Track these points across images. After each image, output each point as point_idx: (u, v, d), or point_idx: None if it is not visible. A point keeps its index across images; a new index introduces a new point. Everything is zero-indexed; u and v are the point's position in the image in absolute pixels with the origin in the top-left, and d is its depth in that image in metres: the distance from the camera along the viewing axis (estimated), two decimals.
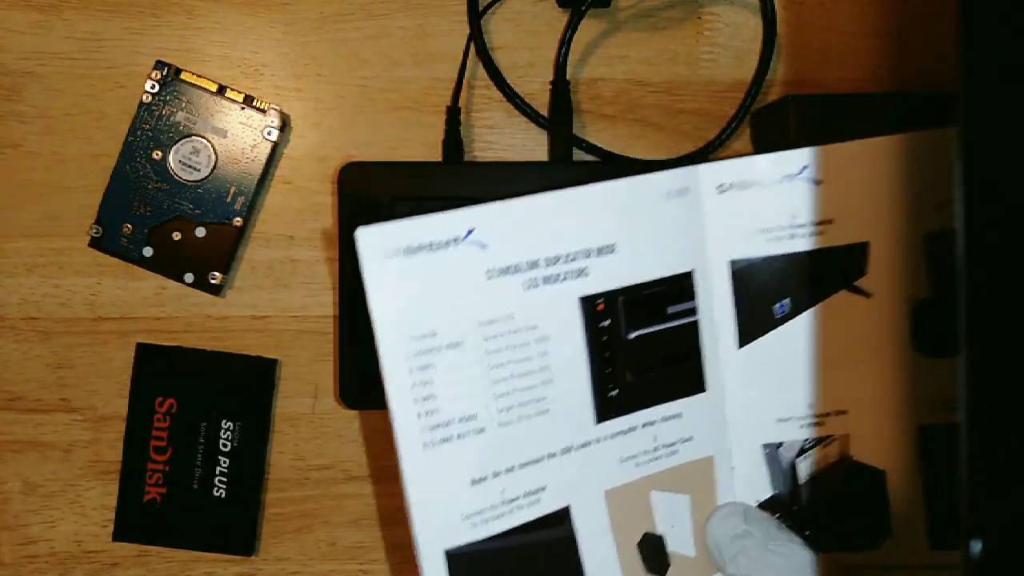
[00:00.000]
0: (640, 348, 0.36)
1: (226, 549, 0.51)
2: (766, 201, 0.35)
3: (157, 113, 0.51)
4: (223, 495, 0.50)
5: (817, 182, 0.35)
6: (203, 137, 0.51)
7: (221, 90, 0.51)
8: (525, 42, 0.53)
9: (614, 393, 0.36)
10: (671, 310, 0.36)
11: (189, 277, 0.51)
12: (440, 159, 0.51)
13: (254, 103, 0.51)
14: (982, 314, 0.23)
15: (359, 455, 0.52)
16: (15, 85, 0.51)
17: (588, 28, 0.53)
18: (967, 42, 0.23)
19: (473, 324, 0.34)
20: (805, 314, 0.35)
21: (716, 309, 0.36)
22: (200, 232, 0.51)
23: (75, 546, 0.52)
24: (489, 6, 0.52)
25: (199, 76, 0.51)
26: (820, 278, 0.35)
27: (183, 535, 0.50)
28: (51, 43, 0.51)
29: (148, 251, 0.51)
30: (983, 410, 0.24)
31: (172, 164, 0.51)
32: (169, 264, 0.51)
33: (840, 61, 0.53)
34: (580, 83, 0.53)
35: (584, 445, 0.36)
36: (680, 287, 0.36)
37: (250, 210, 0.51)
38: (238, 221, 0.51)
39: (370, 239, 0.33)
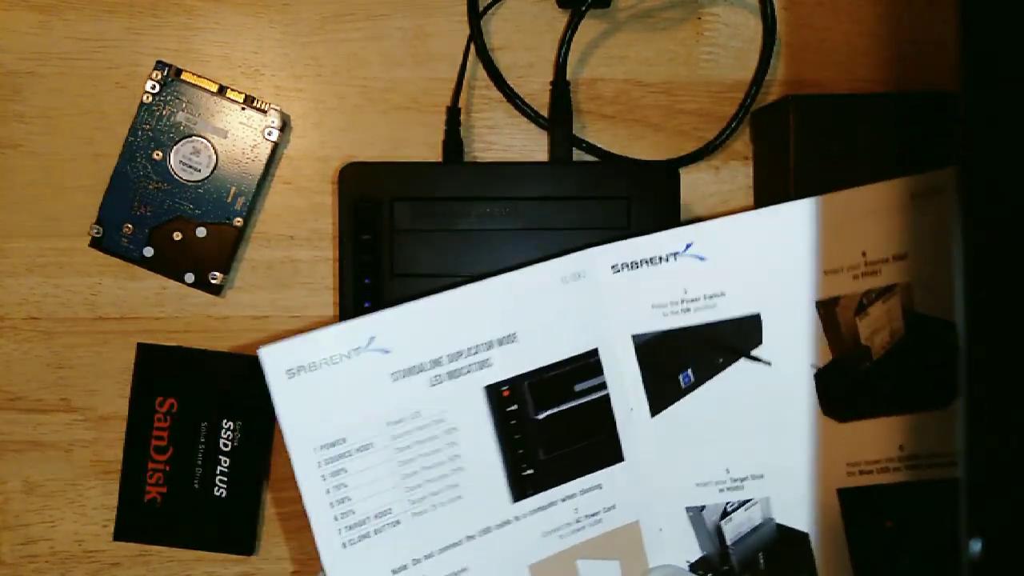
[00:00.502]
0: (552, 426, 0.37)
1: (226, 549, 0.51)
2: (658, 278, 0.36)
3: (157, 113, 0.51)
4: (223, 495, 0.50)
5: (702, 258, 0.36)
6: (203, 137, 0.51)
7: (221, 90, 0.51)
8: (525, 42, 0.53)
9: (529, 472, 0.37)
10: (579, 387, 0.38)
11: (190, 277, 0.51)
12: (440, 159, 0.52)
13: (254, 103, 0.51)
14: (982, 312, 0.24)
15: None
16: (16, 85, 0.51)
17: (588, 28, 0.53)
18: (967, 42, 0.23)
19: (381, 425, 0.36)
20: (709, 383, 0.37)
21: (626, 382, 0.37)
22: (201, 232, 0.51)
23: (76, 546, 0.52)
24: (489, 6, 0.52)
25: (199, 76, 0.51)
26: (717, 349, 0.36)
27: (184, 535, 0.50)
28: (52, 43, 0.51)
29: (149, 251, 0.51)
30: (983, 410, 0.24)
31: (172, 164, 0.51)
32: (170, 264, 0.51)
33: (840, 61, 0.53)
34: (580, 83, 0.53)
35: (503, 524, 0.37)
36: (587, 365, 0.37)
37: (250, 210, 0.51)
38: (238, 221, 0.51)
39: (275, 358, 0.34)
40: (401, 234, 0.49)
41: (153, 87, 0.51)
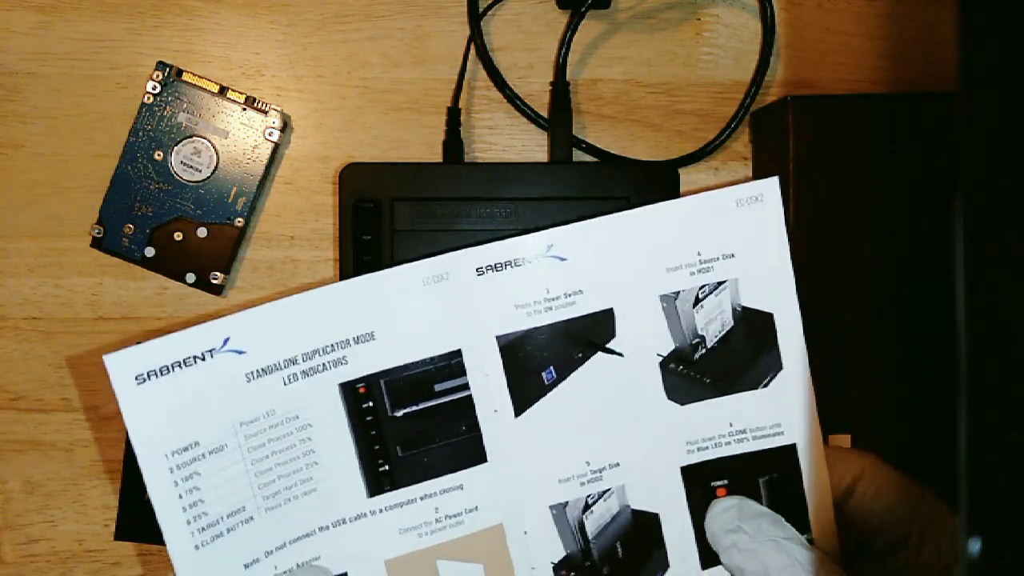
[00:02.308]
0: (410, 425, 0.38)
1: None
2: (521, 279, 0.38)
3: (159, 114, 0.51)
4: None
5: (562, 259, 0.38)
6: (204, 138, 0.51)
7: (222, 91, 0.51)
8: (525, 43, 0.53)
9: (385, 468, 0.38)
10: (440, 387, 0.38)
11: (190, 277, 0.51)
12: (440, 159, 0.52)
13: (255, 104, 0.51)
14: (983, 313, 0.24)
15: None
16: (17, 86, 0.51)
17: (588, 29, 0.53)
18: (967, 42, 0.23)
19: (235, 426, 0.36)
20: (570, 378, 0.39)
21: (491, 383, 0.38)
22: (201, 232, 0.51)
23: (77, 545, 0.52)
24: (489, 7, 0.52)
25: (200, 77, 0.51)
26: (577, 344, 0.39)
27: None
28: (53, 44, 0.52)
29: (150, 251, 0.51)
30: (983, 407, 0.24)
31: (173, 164, 0.51)
32: (170, 264, 0.51)
33: (838, 62, 0.53)
34: (580, 84, 0.53)
35: (358, 518, 0.38)
36: (449, 365, 0.38)
37: (251, 210, 0.51)
38: (239, 221, 0.51)
39: (120, 365, 0.34)
40: (401, 234, 0.49)
41: (154, 87, 0.51)
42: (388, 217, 0.49)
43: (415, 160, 0.52)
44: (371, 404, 0.38)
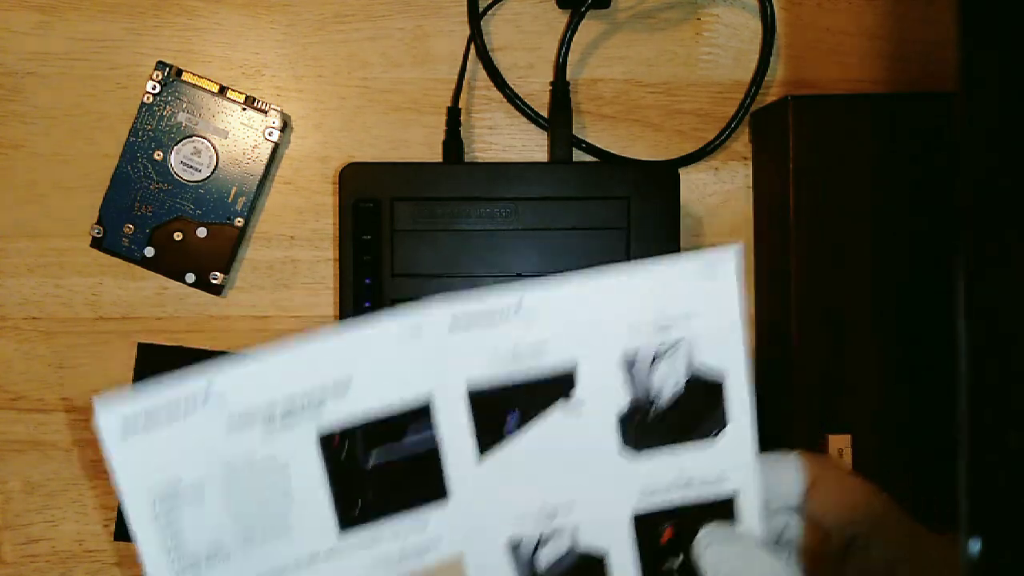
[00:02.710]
0: (380, 469, 0.41)
1: None
2: (492, 332, 0.41)
3: (158, 114, 0.51)
4: None
5: (531, 314, 0.40)
6: (204, 138, 0.51)
7: (222, 91, 0.51)
8: (525, 43, 0.53)
9: (357, 508, 0.41)
10: (410, 432, 0.41)
11: (190, 277, 0.51)
12: (440, 159, 0.52)
13: (255, 104, 0.51)
14: (983, 317, 0.24)
15: None
16: (17, 85, 0.51)
17: (588, 29, 0.53)
18: (967, 42, 0.23)
19: (215, 469, 0.38)
20: (531, 427, 0.41)
21: (456, 427, 0.41)
22: (201, 232, 0.51)
23: (76, 545, 0.52)
24: (489, 7, 0.52)
25: (200, 77, 0.51)
26: (540, 394, 0.41)
27: None
28: (53, 44, 0.52)
29: (149, 251, 0.51)
30: (983, 408, 0.24)
31: (173, 164, 0.51)
32: (170, 264, 0.51)
33: (839, 62, 0.53)
34: (580, 84, 0.53)
35: (329, 554, 0.41)
36: (419, 412, 0.40)
37: (251, 210, 0.51)
38: (239, 221, 0.51)
39: (109, 418, 0.35)
40: (401, 234, 0.49)
41: (154, 87, 0.51)
42: (388, 217, 0.49)
43: (415, 160, 0.52)
44: (345, 451, 0.40)
